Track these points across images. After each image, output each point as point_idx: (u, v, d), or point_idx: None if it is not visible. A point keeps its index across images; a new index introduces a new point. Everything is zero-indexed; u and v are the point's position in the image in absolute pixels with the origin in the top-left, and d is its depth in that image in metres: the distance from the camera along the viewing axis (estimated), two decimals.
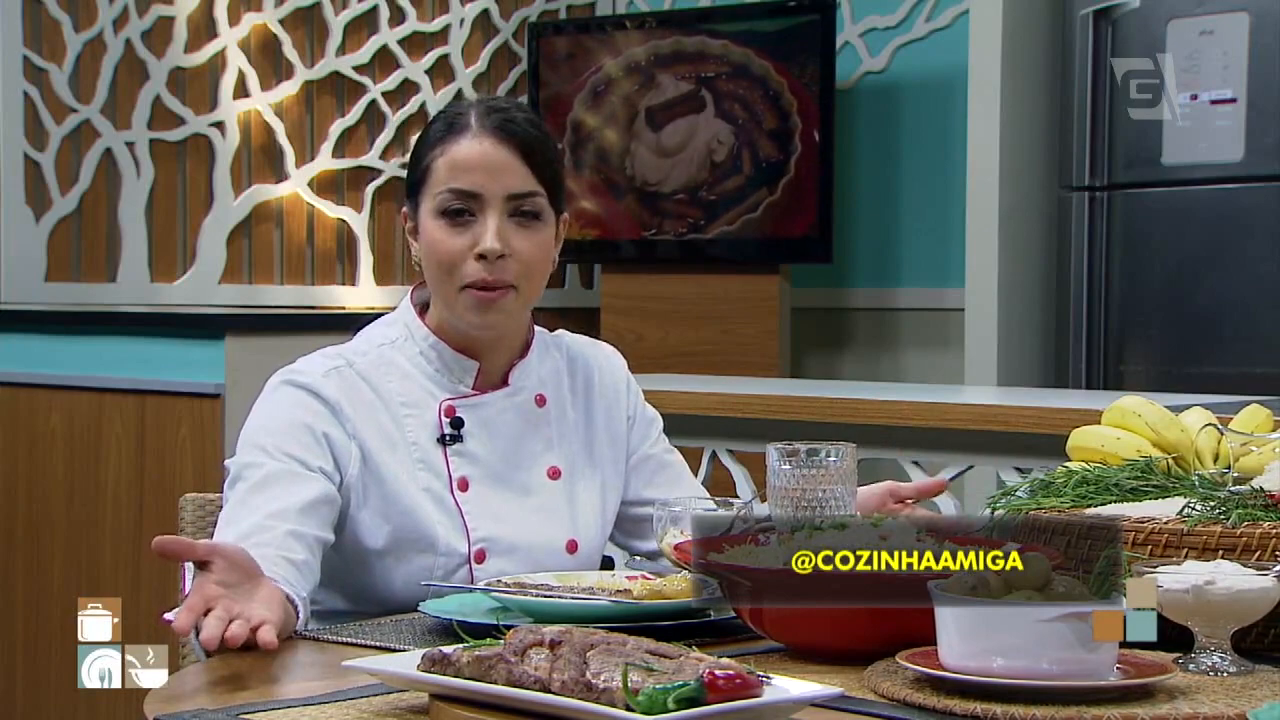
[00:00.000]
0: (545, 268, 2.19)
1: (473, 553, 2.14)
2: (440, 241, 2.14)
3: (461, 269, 2.13)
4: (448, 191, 2.13)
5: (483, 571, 2.13)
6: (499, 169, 2.13)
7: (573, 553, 2.20)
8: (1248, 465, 1.96)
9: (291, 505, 2.03)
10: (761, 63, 5.09)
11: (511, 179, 2.13)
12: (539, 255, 2.16)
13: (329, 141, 5.29)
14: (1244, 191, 4.31)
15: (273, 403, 2.13)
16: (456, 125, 2.16)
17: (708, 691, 1.40)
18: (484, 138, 2.14)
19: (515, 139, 2.14)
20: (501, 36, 5.63)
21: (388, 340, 2.21)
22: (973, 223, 4.85)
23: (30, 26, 4.84)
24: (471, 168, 2.13)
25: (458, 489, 2.15)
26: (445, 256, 2.13)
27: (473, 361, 2.20)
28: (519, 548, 2.16)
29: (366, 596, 2.15)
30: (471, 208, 2.13)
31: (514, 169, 2.13)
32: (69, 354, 4.34)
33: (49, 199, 4.88)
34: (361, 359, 2.18)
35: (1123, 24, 4.46)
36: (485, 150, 2.13)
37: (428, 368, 2.19)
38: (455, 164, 2.13)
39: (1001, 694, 1.52)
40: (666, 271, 5.28)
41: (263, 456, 2.07)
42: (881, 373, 5.28)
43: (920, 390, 3.77)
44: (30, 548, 4.35)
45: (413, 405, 2.16)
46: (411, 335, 2.21)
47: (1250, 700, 1.56)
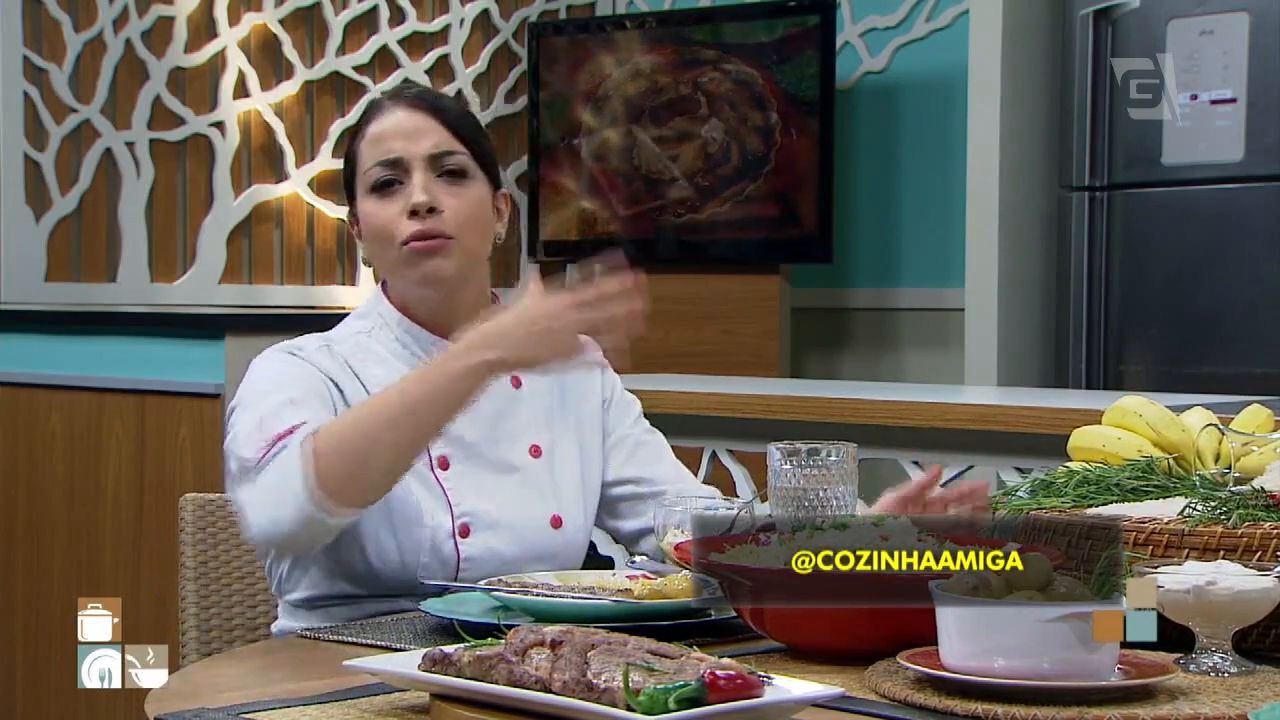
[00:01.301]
0: (483, 225, 2.22)
1: (457, 527, 2.16)
2: (374, 214, 2.19)
3: (396, 231, 2.17)
4: (374, 166, 2.19)
5: (469, 546, 2.15)
6: (416, 132, 2.19)
7: (557, 528, 2.22)
8: (1249, 465, 1.96)
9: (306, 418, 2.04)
10: (761, 63, 5.09)
11: (429, 139, 2.19)
12: (471, 210, 2.20)
13: (329, 141, 5.29)
14: (1244, 191, 4.30)
15: (268, 367, 2.16)
16: (373, 108, 2.24)
17: (709, 692, 1.40)
18: (397, 109, 2.21)
19: (428, 104, 2.22)
20: (501, 36, 5.63)
21: (363, 329, 2.26)
22: (973, 223, 4.85)
23: (30, 26, 4.84)
24: (390, 136, 2.19)
25: (438, 467, 2.18)
26: (381, 225, 2.19)
27: (444, 340, 2.21)
28: (503, 523, 2.18)
29: (361, 577, 2.16)
30: (398, 176, 2.18)
31: (431, 130, 2.20)
32: (69, 354, 4.34)
33: (49, 199, 4.88)
34: (340, 345, 2.22)
35: (1123, 24, 4.46)
36: (400, 118, 2.20)
37: (402, 352, 2.22)
38: (375, 138, 2.20)
39: (1002, 694, 1.52)
40: (666, 271, 5.28)
41: (259, 411, 2.07)
42: (881, 373, 5.28)
43: (920, 390, 3.77)
44: (30, 548, 4.35)
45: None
46: (385, 322, 2.25)
47: (1251, 701, 1.56)
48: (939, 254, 5.16)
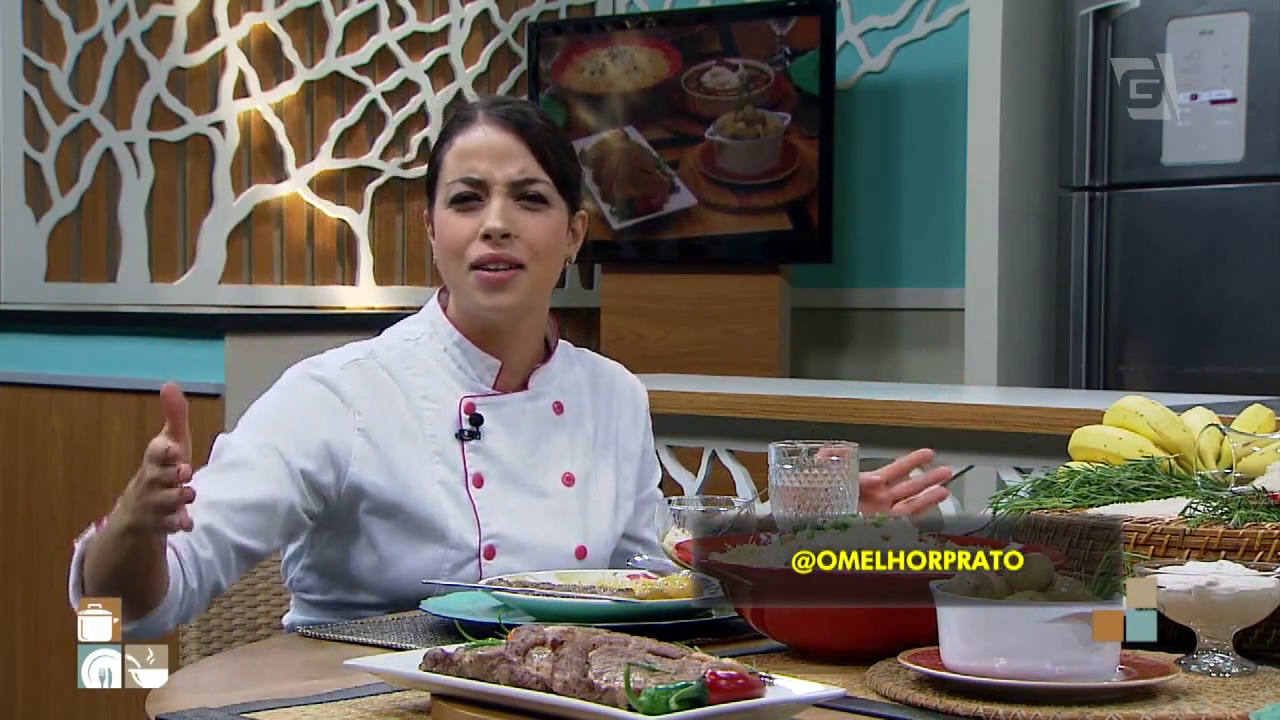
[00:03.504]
0: (555, 252, 2.21)
1: (483, 548, 2.15)
2: (449, 227, 2.18)
3: (468, 251, 2.16)
4: (456, 181, 2.18)
5: (491, 568, 2.14)
6: (503, 155, 2.17)
7: (581, 559, 2.21)
8: (1250, 466, 1.96)
9: (234, 500, 2.03)
10: (761, 63, 5.09)
11: (515, 164, 2.17)
12: (546, 238, 2.19)
13: (329, 141, 5.29)
14: (1244, 191, 4.30)
15: (285, 389, 2.16)
16: (464, 119, 2.22)
17: (710, 692, 1.40)
18: (489, 126, 2.19)
19: (519, 127, 2.19)
20: (501, 36, 5.63)
21: (413, 336, 2.24)
22: (973, 223, 4.85)
23: (30, 26, 4.84)
24: (477, 154, 2.17)
25: (472, 484, 2.17)
26: (453, 241, 2.18)
27: (495, 360, 2.21)
28: (528, 548, 2.17)
29: (375, 588, 2.15)
30: (479, 194, 2.17)
31: (518, 154, 2.18)
32: (69, 354, 4.34)
33: (49, 199, 4.88)
34: (386, 351, 2.21)
35: (1123, 24, 4.46)
36: (490, 138, 2.18)
37: (450, 364, 2.21)
38: (462, 153, 2.18)
39: (1004, 694, 1.52)
40: (666, 271, 5.28)
41: (244, 438, 2.09)
42: (881, 373, 5.28)
43: (920, 390, 3.77)
44: (30, 548, 4.34)
45: (433, 399, 2.19)
46: (436, 332, 2.23)
47: (1252, 701, 1.56)
48: (939, 254, 5.16)
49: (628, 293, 5.33)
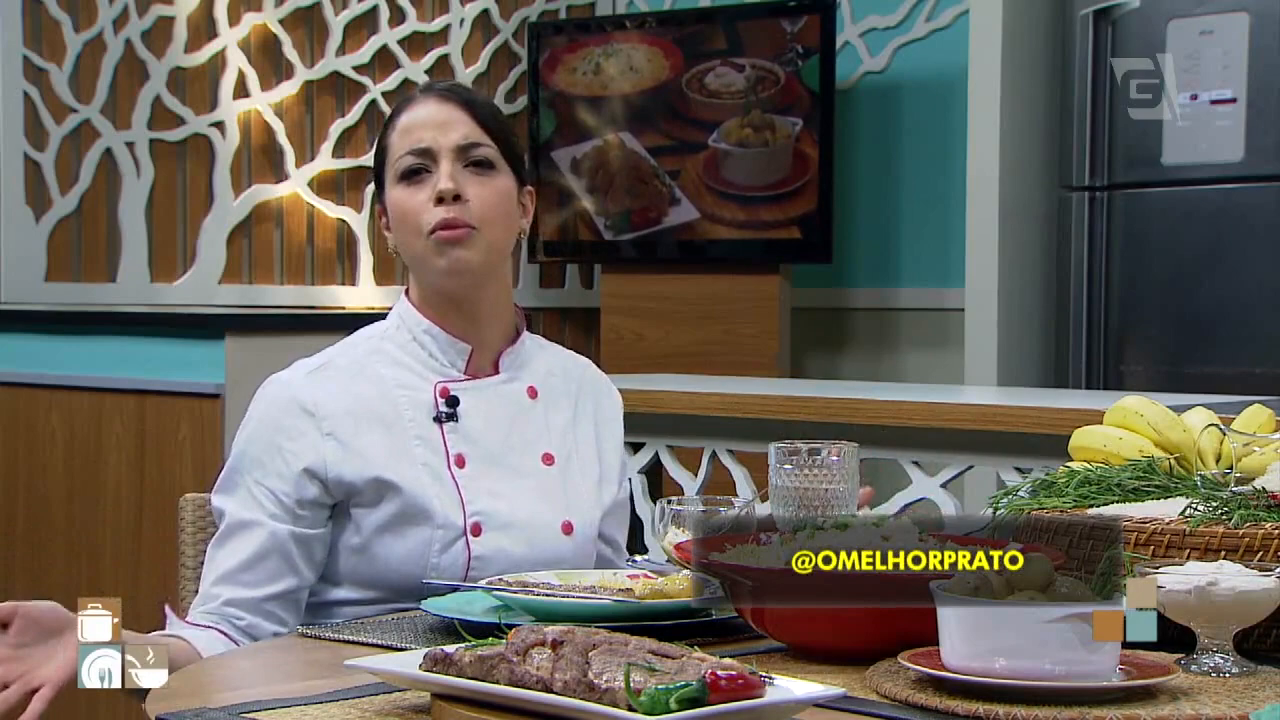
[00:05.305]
0: (507, 219, 2.26)
1: (469, 525, 2.17)
2: (402, 202, 2.24)
3: (423, 219, 2.21)
4: (404, 155, 2.24)
5: (480, 545, 2.16)
6: (445, 123, 2.24)
7: (569, 534, 2.23)
8: (1250, 466, 1.96)
9: (240, 563, 2.14)
10: (761, 62, 5.09)
11: (458, 130, 2.23)
12: (496, 200, 2.23)
13: (329, 141, 5.29)
14: (1244, 191, 4.30)
15: (256, 420, 2.21)
16: (406, 100, 2.30)
17: (710, 692, 1.40)
18: (429, 100, 2.27)
19: (458, 97, 2.27)
20: (501, 36, 5.63)
21: (377, 333, 2.28)
22: (973, 223, 4.85)
23: (30, 26, 4.84)
24: (422, 126, 2.24)
25: (455, 465, 2.19)
26: (408, 212, 2.23)
27: (465, 344, 2.25)
28: (514, 524, 2.19)
29: (368, 580, 2.17)
30: (427, 164, 2.23)
31: (460, 122, 2.24)
32: (69, 354, 4.34)
33: (49, 199, 4.87)
34: (352, 350, 2.26)
35: (1123, 24, 4.46)
36: (431, 109, 2.25)
37: (421, 353, 2.25)
38: (406, 129, 2.25)
39: (1004, 695, 1.52)
40: (666, 271, 5.28)
41: (229, 500, 2.18)
42: (881, 373, 5.28)
43: (920, 390, 3.77)
44: (30, 548, 4.34)
45: (407, 387, 2.22)
46: (404, 323, 2.27)
47: (1252, 701, 1.56)
48: (939, 254, 5.16)
49: (628, 293, 5.33)
